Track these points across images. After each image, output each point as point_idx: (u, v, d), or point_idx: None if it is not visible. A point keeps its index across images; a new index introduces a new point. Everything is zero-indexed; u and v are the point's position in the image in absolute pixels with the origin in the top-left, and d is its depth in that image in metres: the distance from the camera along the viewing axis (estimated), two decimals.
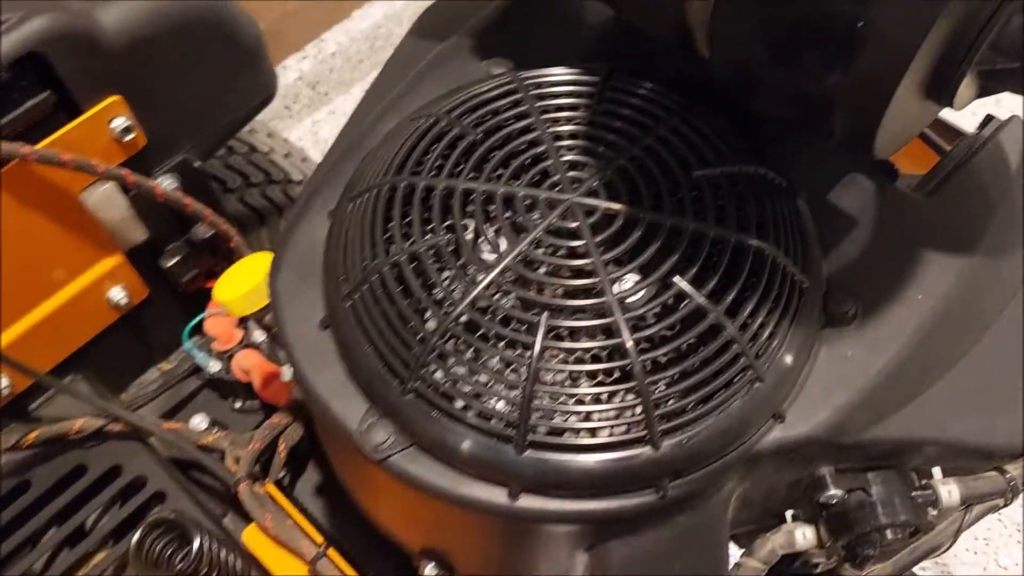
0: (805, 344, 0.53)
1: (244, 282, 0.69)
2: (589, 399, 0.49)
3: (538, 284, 0.52)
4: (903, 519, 0.55)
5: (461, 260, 0.52)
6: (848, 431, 0.53)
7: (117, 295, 0.84)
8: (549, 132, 0.57)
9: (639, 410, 0.49)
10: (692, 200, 0.54)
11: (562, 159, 0.56)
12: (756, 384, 0.50)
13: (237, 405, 0.90)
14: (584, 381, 0.50)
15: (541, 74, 0.61)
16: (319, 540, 0.76)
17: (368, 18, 2.04)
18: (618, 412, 0.49)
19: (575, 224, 0.53)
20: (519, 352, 0.49)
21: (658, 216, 0.53)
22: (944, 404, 0.56)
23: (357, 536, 0.77)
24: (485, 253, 0.53)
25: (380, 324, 0.51)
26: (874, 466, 0.57)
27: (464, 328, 0.50)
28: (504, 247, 0.53)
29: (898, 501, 0.56)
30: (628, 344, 0.48)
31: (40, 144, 0.71)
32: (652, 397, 0.48)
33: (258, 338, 0.86)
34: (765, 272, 0.51)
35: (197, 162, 0.84)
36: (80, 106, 0.73)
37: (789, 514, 0.60)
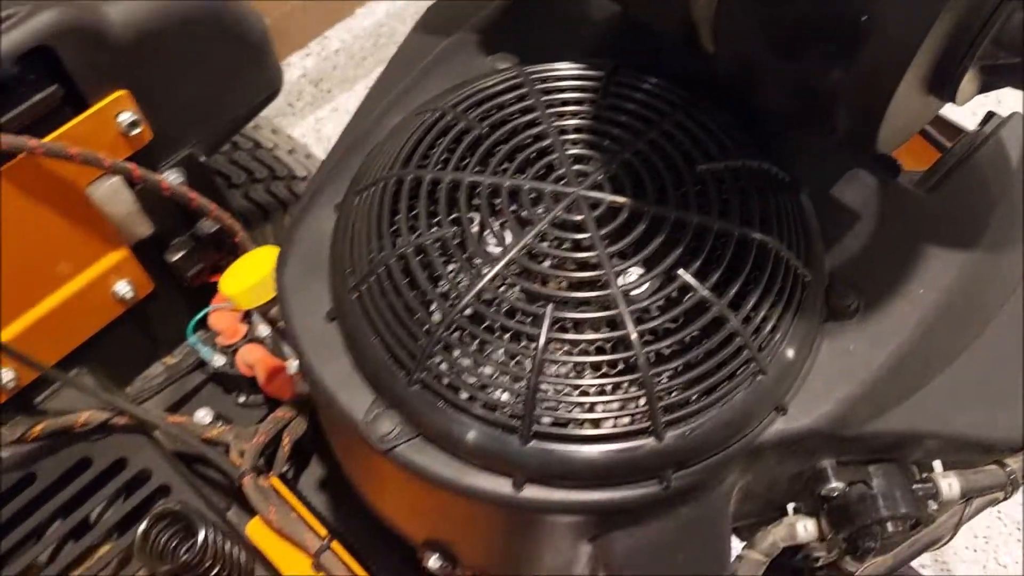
0: (807, 337, 0.53)
1: (250, 275, 0.69)
2: (593, 390, 0.49)
3: (543, 276, 0.52)
4: (904, 512, 0.56)
5: (467, 253, 0.53)
6: (850, 424, 0.54)
7: (123, 289, 0.84)
8: (554, 126, 0.58)
9: (643, 402, 0.49)
10: (696, 194, 0.54)
11: (567, 153, 0.56)
12: (759, 377, 0.51)
13: (241, 399, 0.91)
14: (588, 372, 0.50)
15: (546, 69, 0.61)
16: (323, 533, 0.76)
17: (371, 15, 2.04)
18: (622, 403, 0.49)
19: (580, 217, 0.53)
20: (524, 344, 0.50)
21: (663, 209, 0.53)
22: (945, 398, 0.57)
23: (360, 529, 0.78)
24: (491, 246, 0.54)
25: (386, 316, 0.52)
26: (875, 459, 0.57)
27: (470, 320, 0.50)
28: (509, 240, 0.53)
29: (899, 494, 0.56)
30: (632, 336, 0.49)
31: (47, 138, 0.71)
32: (656, 389, 0.49)
33: (262, 333, 0.87)
34: (768, 266, 0.52)
35: (203, 157, 0.84)
36: (87, 100, 0.73)
37: (791, 507, 0.60)
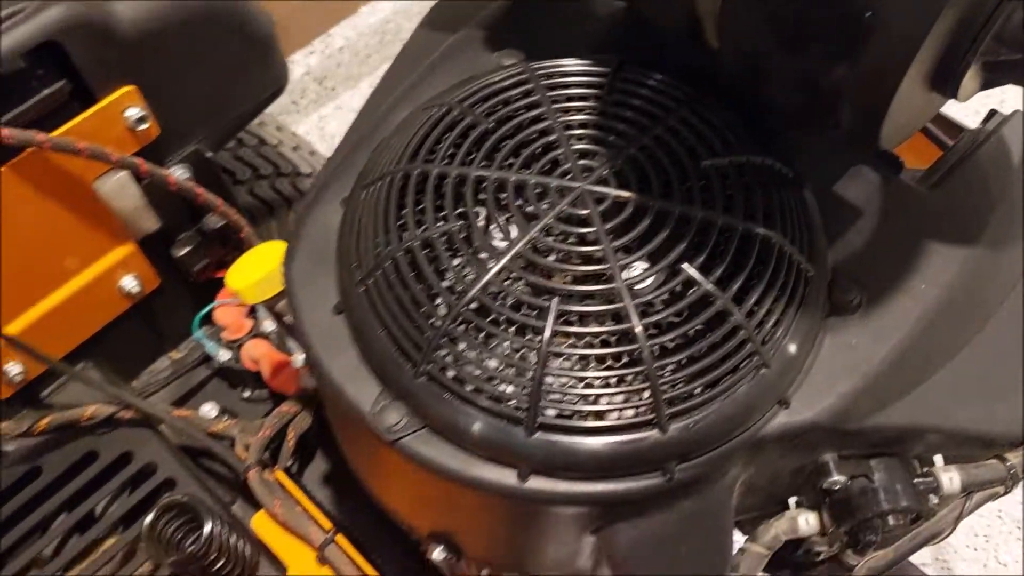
0: (810, 332, 0.54)
1: (256, 270, 0.70)
2: (598, 383, 0.50)
3: (548, 270, 0.52)
4: (905, 505, 0.56)
5: (473, 246, 0.53)
6: (852, 418, 0.54)
7: (129, 284, 0.85)
8: (560, 121, 0.58)
9: (647, 394, 0.49)
10: (701, 189, 0.55)
11: (573, 148, 0.57)
12: (762, 370, 0.51)
13: (246, 394, 0.91)
14: (593, 365, 0.50)
15: (552, 65, 0.61)
16: (327, 526, 0.76)
17: (376, 13, 2.05)
18: (626, 396, 0.50)
19: (585, 212, 0.54)
20: (529, 336, 0.50)
21: (667, 204, 0.54)
22: (946, 392, 0.57)
23: (365, 523, 0.78)
24: (496, 240, 0.54)
25: (393, 308, 0.52)
26: (877, 453, 0.58)
27: (476, 312, 0.51)
28: (515, 234, 0.53)
29: (900, 487, 0.57)
30: (637, 329, 0.49)
31: (55, 132, 0.71)
32: (660, 381, 0.49)
33: (267, 328, 0.87)
34: (772, 260, 0.52)
35: (209, 152, 0.85)
36: (95, 95, 0.74)
37: (792, 501, 0.61)
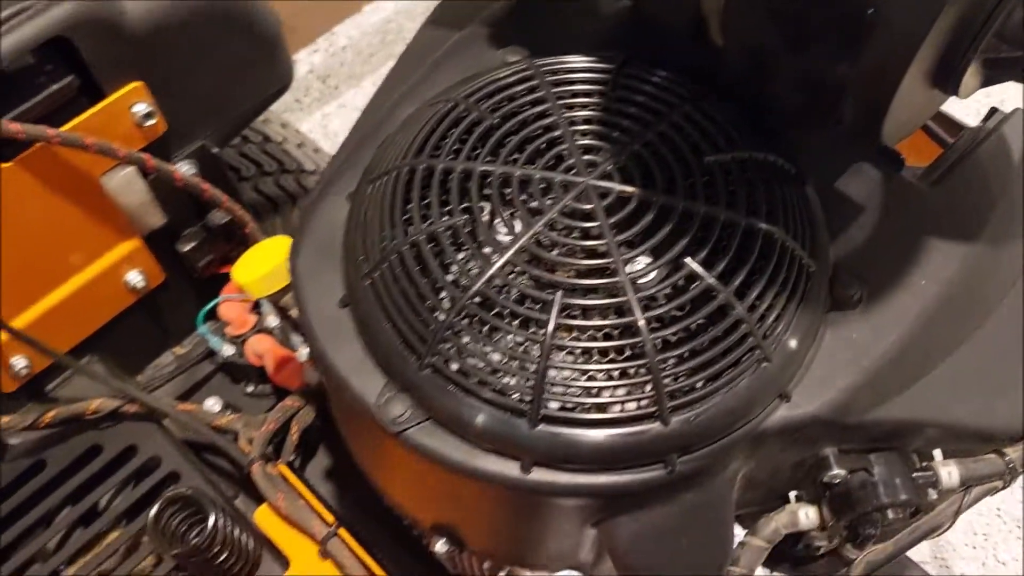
0: (811, 326, 0.54)
1: (262, 264, 0.70)
2: (601, 376, 0.50)
3: (552, 264, 0.53)
4: (904, 499, 0.57)
5: (478, 241, 0.54)
6: (852, 412, 0.54)
7: (134, 279, 0.85)
8: (564, 117, 0.59)
9: (649, 387, 0.50)
10: (704, 184, 0.55)
11: (577, 143, 0.57)
12: (763, 364, 0.52)
13: (249, 389, 0.92)
14: (596, 358, 0.51)
15: (557, 61, 0.62)
16: (330, 520, 0.77)
17: (379, 12, 2.06)
18: (629, 389, 0.50)
19: (589, 206, 0.54)
20: (533, 330, 0.51)
21: (671, 199, 0.54)
22: (946, 387, 0.58)
23: (367, 517, 0.78)
24: (501, 234, 0.55)
25: (399, 301, 0.53)
26: (876, 447, 0.58)
27: (480, 306, 0.51)
28: (519, 228, 0.54)
29: (899, 481, 0.57)
30: (640, 323, 0.50)
31: (63, 127, 0.72)
32: (662, 374, 0.49)
33: (271, 323, 0.88)
34: (774, 255, 0.53)
35: (215, 149, 0.85)
36: (103, 91, 0.74)
37: (793, 494, 0.61)
